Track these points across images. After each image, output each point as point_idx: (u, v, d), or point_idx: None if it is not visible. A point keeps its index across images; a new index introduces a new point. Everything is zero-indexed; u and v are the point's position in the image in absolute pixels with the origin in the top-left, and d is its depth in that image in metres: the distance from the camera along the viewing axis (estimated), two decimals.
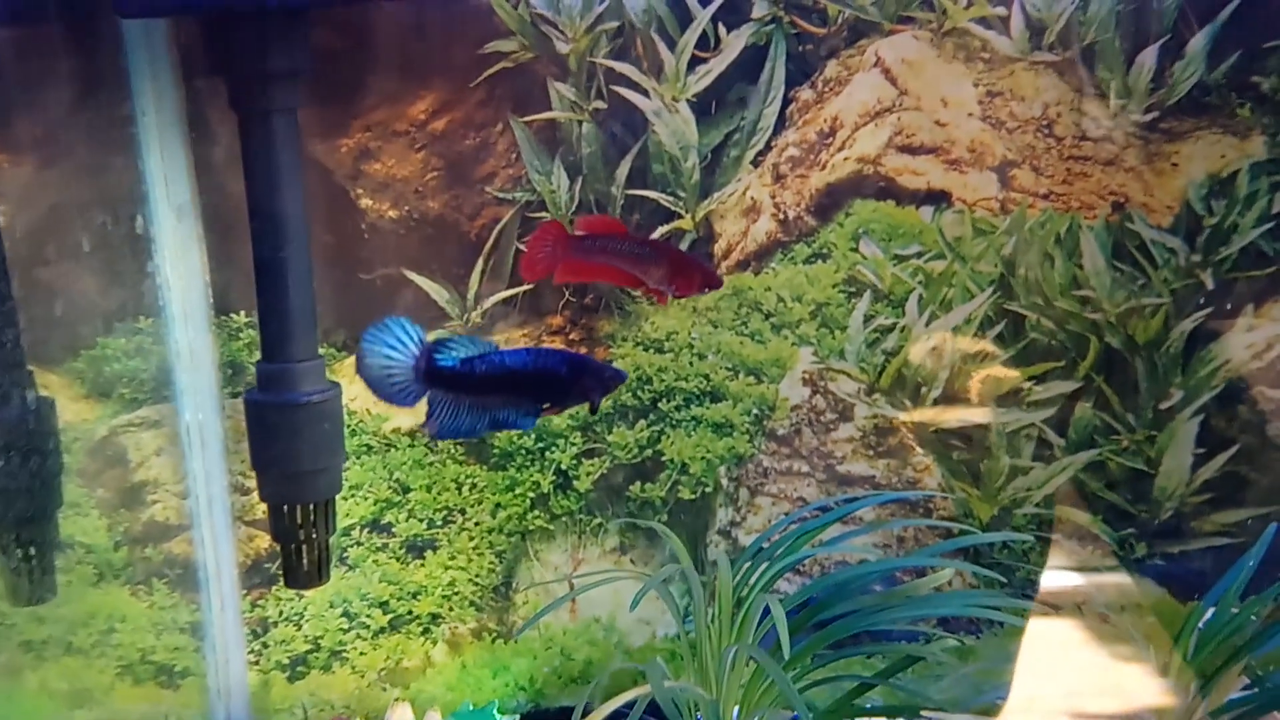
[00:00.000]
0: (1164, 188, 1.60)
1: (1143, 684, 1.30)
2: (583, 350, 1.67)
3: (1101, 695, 1.31)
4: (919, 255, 1.62)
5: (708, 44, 1.58)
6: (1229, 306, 1.62)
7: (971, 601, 1.30)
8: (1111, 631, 1.33)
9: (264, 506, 1.46)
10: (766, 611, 1.28)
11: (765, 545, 1.44)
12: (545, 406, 1.21)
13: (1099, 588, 1.64)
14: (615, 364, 1.67)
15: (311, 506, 1.44)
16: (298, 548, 1.45)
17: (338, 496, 1.64)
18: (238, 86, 1.34)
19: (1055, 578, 1.61)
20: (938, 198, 1.61)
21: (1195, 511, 1.68)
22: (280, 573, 1.50)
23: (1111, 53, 1.55)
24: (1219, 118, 1.58)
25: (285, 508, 1.43)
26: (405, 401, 1.17)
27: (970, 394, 1.64)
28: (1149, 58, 1.55)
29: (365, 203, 1.63)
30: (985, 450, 1.65)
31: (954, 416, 1.65)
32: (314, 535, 1.45)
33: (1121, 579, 1.64)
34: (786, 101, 1.59)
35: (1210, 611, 1.28)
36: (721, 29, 1.57)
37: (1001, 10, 1.55)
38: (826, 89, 1.60)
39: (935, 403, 1.65)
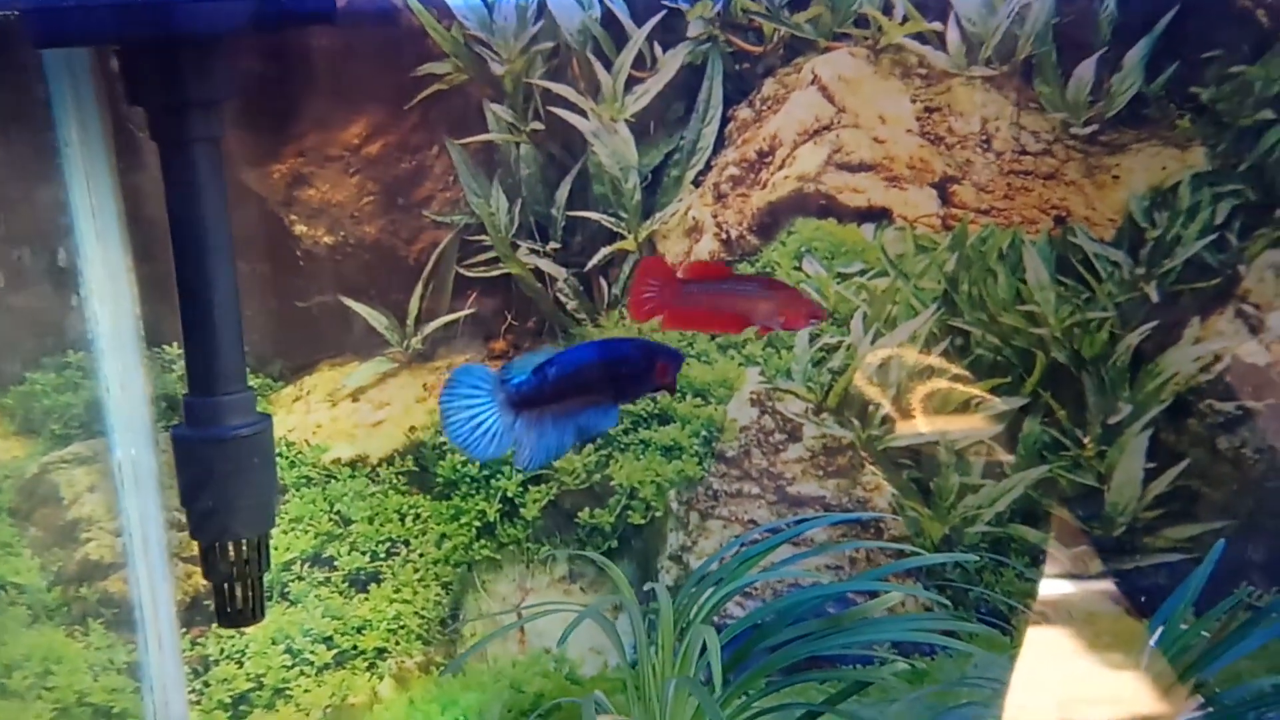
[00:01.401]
0: (1106, 201, 1.59)
1: (1136, 693, 1.28)
2: None
3: (1094, 705, 1.29)
4: (862, 273, 1.60)
5: (644, 64, 1.56)
6: (1174, 319, 1.61)
7: (917, 625, 1.27)
8: (1104, 640, 1.31)
9: None
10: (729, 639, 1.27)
11: (711, 570, 1.41)
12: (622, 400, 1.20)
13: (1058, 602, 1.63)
14: None
15: (244, 543, 1.40)
16: (231, 586, 1.42)
17: (274, 531, 1.63)
18: (156, 116, 1.31)
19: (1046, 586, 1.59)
20: (879, 215, 1.59)
21: (1148, 527, 1.67)
22: None
23: (1049, 66, 1.55)
24: (1159, 129, 1.57)
25: (217, 545, 1.40)
26: (500, 447, 1.15)
27: (920, 410, 1.62)
28: (1087, 70, 1.54)
29: (300, 229, 1.60)
30: (935, 468, 1.63)
31: (904, 434, 1.63)
32: (247, 573, 1.41)
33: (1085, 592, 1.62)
34: (725, 121, 1.58)
35: (1159, 630, 1.26)
36: (658, 49, 1.55)
37: (937, 25, 1.54)
38: (764, 107, 1.59)
39: (883, 421, 1.63)
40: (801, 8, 1.54)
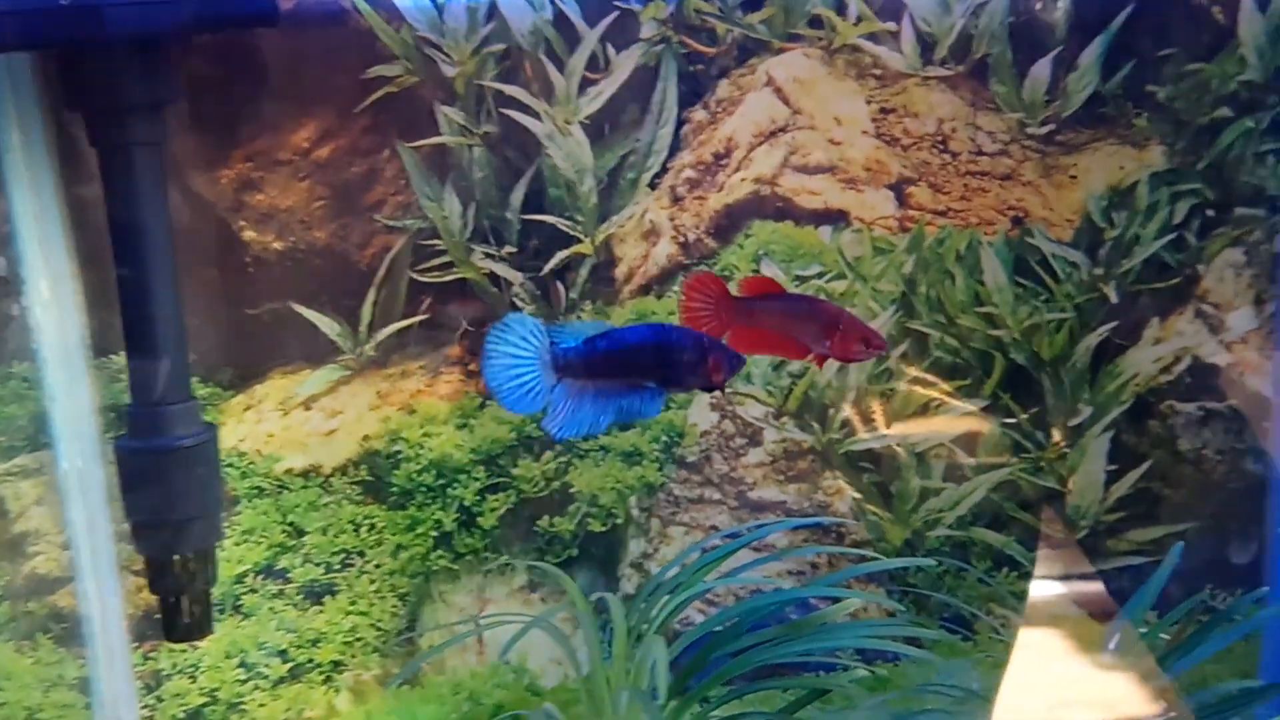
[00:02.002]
0: (1063, 201, 1.58)
1: (1127, 695, 1.26)
2: (482, 382, 1.62)
3: (1086, 707, 1.28)
4: (820, 275, 1.59)
5: (598, 66, 1.55)
6: (1134, 320, 1.60)
7: (876, 631, 1.26)
8: (1095, 642, 1.29)
9: None
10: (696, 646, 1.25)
11: (668, 577, 1.39)
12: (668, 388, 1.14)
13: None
14: None
15: (190, 556, 1.38)
16: (177, 600, 1.39)
17: (226, 543, 1.60)
18: (94, 120, 1.28)
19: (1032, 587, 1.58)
20: (836, 217, 1.58)
21: (1110, 530, 1.66)
22: None
23: (1004, 66, 1.54)
24: (1116, 128, 1.56)
25: (161, 559, 1.37)
26: (533, 404, 1.10)
27: (881, 413, 1.61)
28: (1043, 70, 1.53)
29: (249, 235, 1.57)
30: (895, 472, 1.62)
31: (863, 438, 1.62)
32: (194, 586, 1.39)
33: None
34: (680, 123, 1.56)
35: (1117, 636, 1.25)
36: (611, 50, 1.54)
37: (892, 26, 1.53)
38: (719, 109, 1.57)
39: (843, 425, 1.62)
40: (755, 8, 1.53)
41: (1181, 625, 1.30)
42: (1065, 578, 1.42)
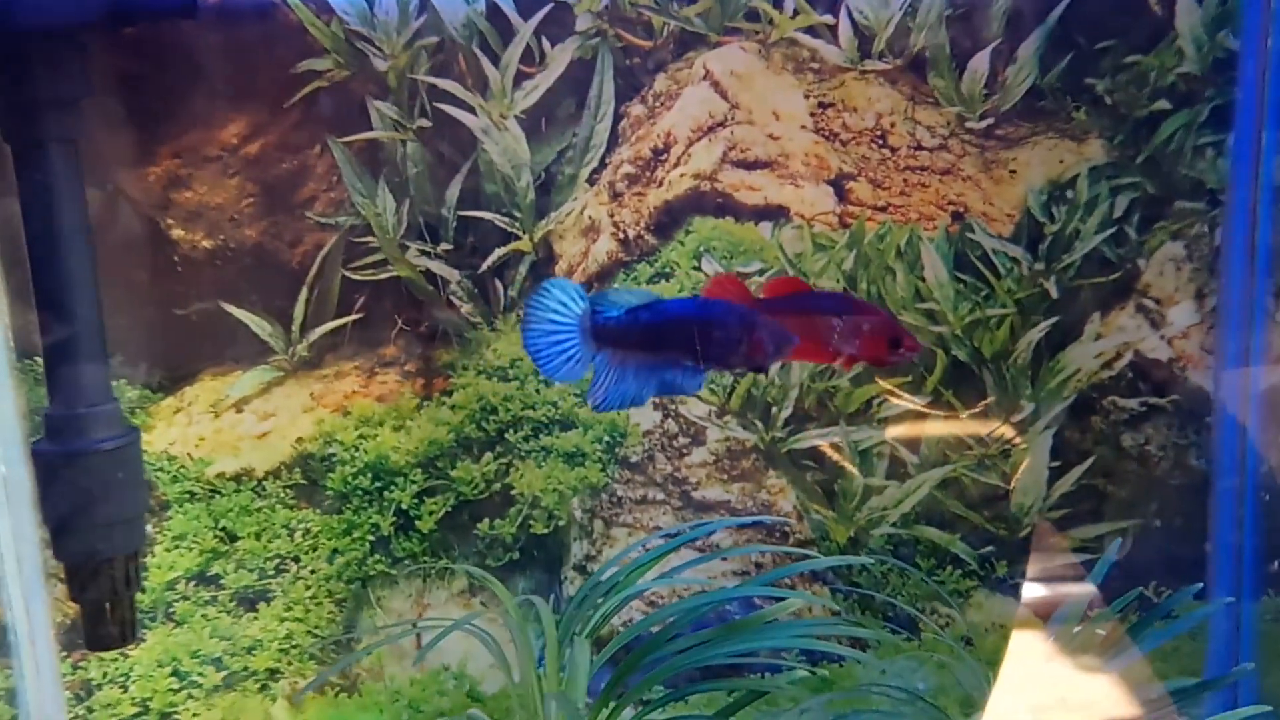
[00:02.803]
0: (1003, 196, 1.57)
1: (1109, 698, 1.25)
2: (419, 382, 1.59)
3: (1068, 711, 1.26)
4: (761, 272, 1.57)
5: (533, 59, 1.52)
6: (1075, 315, 1.59)
7: (814, 631, 1.23)
8: (1077, 645, 1.28)
9: None
10: (632, 647, 1.22)
11: (605, 578, 1.37)
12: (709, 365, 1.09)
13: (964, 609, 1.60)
14: (455, 393, 1.60)
15: (111, 562, 1.34)
16: (99, 607, 1.35)
17: (157, 549, 1.56)
18: (5, 116, 1.23)
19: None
20: (776, 213, 1.56)
21: (1054, 527, 1.64)
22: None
23: (943, 59, 1.52)
24: (1055, 122, 1.55)
25: (81, 565, 1.33)
26: (574, 372, 1.07)
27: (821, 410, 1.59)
28: (981, 63, 1.52)
29: (177, 233, 1.53)
30: (838, 470, 1.60)
31: (806, 436, 1.60)
32: (116, 594, 1.35)
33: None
34: (618, 117, 1.54)
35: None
36: (546, 43, 1.51)
37: (829, 19, 1.51)
38: (657, 104, 1.55)
39: (786, 423, 1.60)
40: (690, 1, 1.51)
41: (1119, 621, 1.28)
42: (1057, 581, 1.40)
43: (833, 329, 1.15)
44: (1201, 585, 1.38)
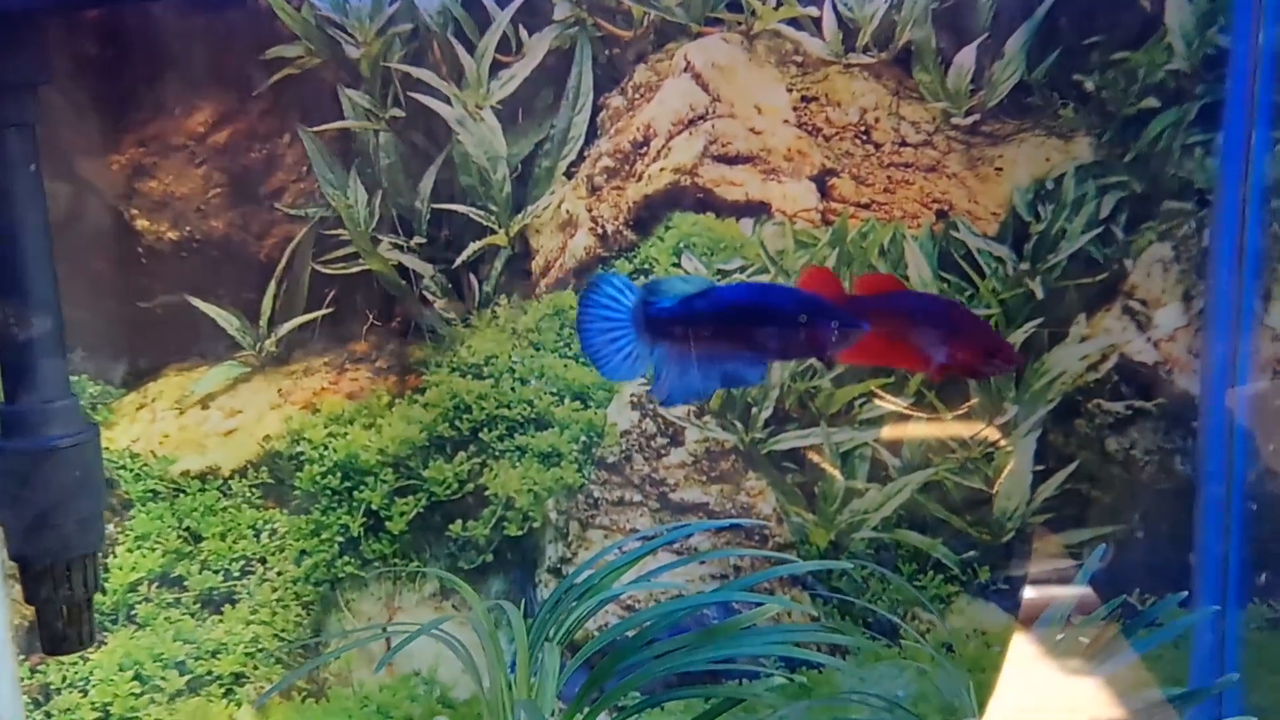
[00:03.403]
0: (988, 194, 1.54)
1: (1096, 700, 1.23)
2: (390, 379, 1.55)
3: (1055, 712, 1.24)
4: (742, 269, 1.54)
5: (510, 48, 1.48)
6: (1060, 316, 1.56)
7: (791, 637, 1.20)
8: (1063, 646, 1.25)
9: None
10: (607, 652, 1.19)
11: (578, 581, 1.33)
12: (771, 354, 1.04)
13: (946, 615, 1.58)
14: (427, 391, 1.56)
15: (67, 563, 1.30)
16: (54, 610, 1.31)
17: (118, 549, 1.52)
18: None
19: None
20: (757, 209, 1.53)
21: (1038, 532, 1.62)
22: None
23: (929, 53, 1.49)
24: (1042, 119, 1.52)
25: (36, 566, 1.29)
26: (635, 369, 1.02)
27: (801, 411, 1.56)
28: (967, 58, 1.49)
29: (141, 224, 1.49)
30: (819, 472, 1.57)
31: (786, 438, 1.57)
32: (73, 596, 1.31)
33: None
34: (596, 109, 1.51)
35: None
36: (523, 32, 1.48)
37: (813, 11, 1.48)
38: (637, 95, 1.51)
39: (766, 424, 1.56)
40: None
41: (1108, 625, 1.26)
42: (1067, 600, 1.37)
43: (925, 334, 1.08)
44: (1186, 593, 1.36)
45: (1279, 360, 1.55)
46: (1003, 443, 1.54)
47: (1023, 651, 1.28)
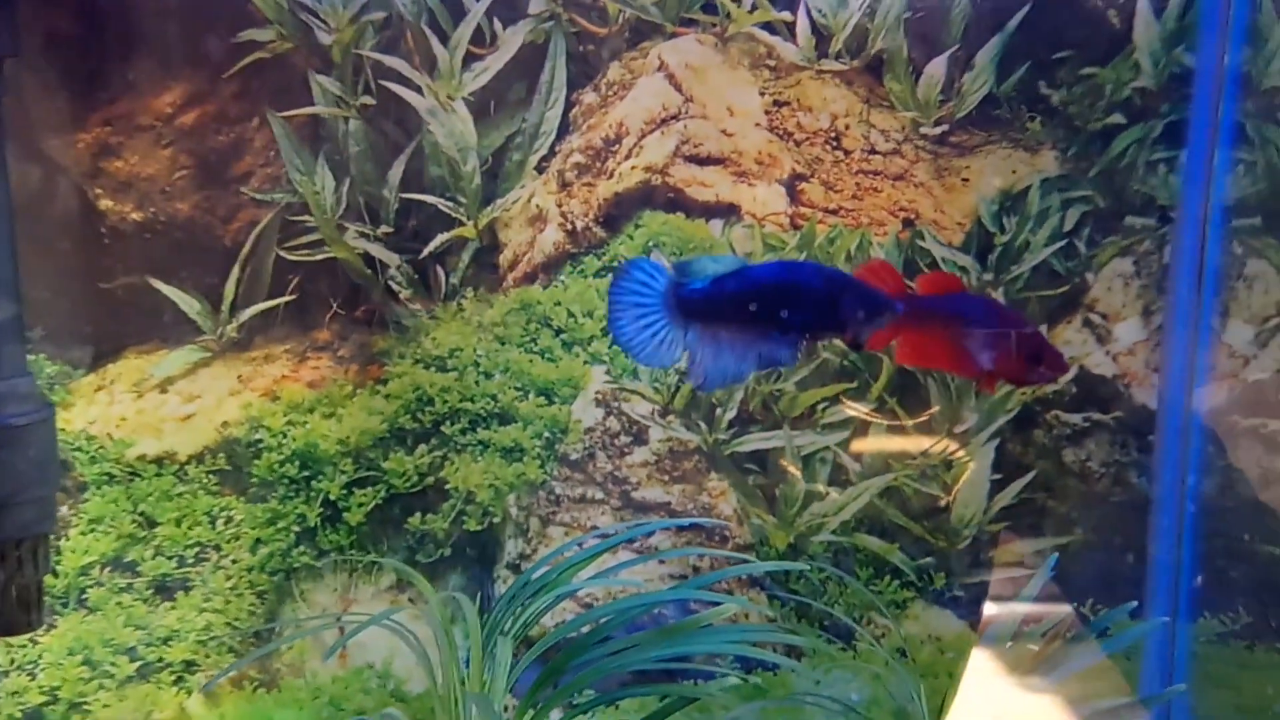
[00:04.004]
0: (955, 204, 1.55)
1: (1058, 716, 1.23)
2: (352, 368, 1.55)
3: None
4: None
5: (483, 40, 1.48)
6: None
7: (745, 637, 1.21)
8: (1027, 662, 1.26)
9: None
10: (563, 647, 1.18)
11: (535, 578, 1.33)
12: (805, 336, 1.02)
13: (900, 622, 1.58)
14: (390, 382, 1.55)
15: (17, 544, 1.28)
16: (3, 590, 1.29)
17: (71, 532, 1.50)
18: None
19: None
20: (727, 211, 1.53)
21: (994, 540, 1.63)
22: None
23: (900, 62, 1.51)
24: (1010, 131, 1.54)
25: None
26: (671, 354, 1.00)
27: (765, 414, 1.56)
28: (938, 68, 1.50)
29: (105, 204, 1.48)
30: (780, 474, 1.57)
31: (749, 439, 1.57)
32: (23, 576, 1.29)
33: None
34: (569, 105, 1.51)
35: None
36: (497, 24, 1.48)
37: (787, 16, 1.49)
38: (610, 93, 1.51)
39: (729, 425, 1.57)
40: None
41: (1047, 639, 1.27)
42: (1020, 599, 1.37)
43: (979, 338, 1.06)
44: (1136, 603, 1.37)
45: (1235, 376, 1.58)
46: (961, 452, 1.55)
47: (976, 662, 1.29)
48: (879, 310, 1.02)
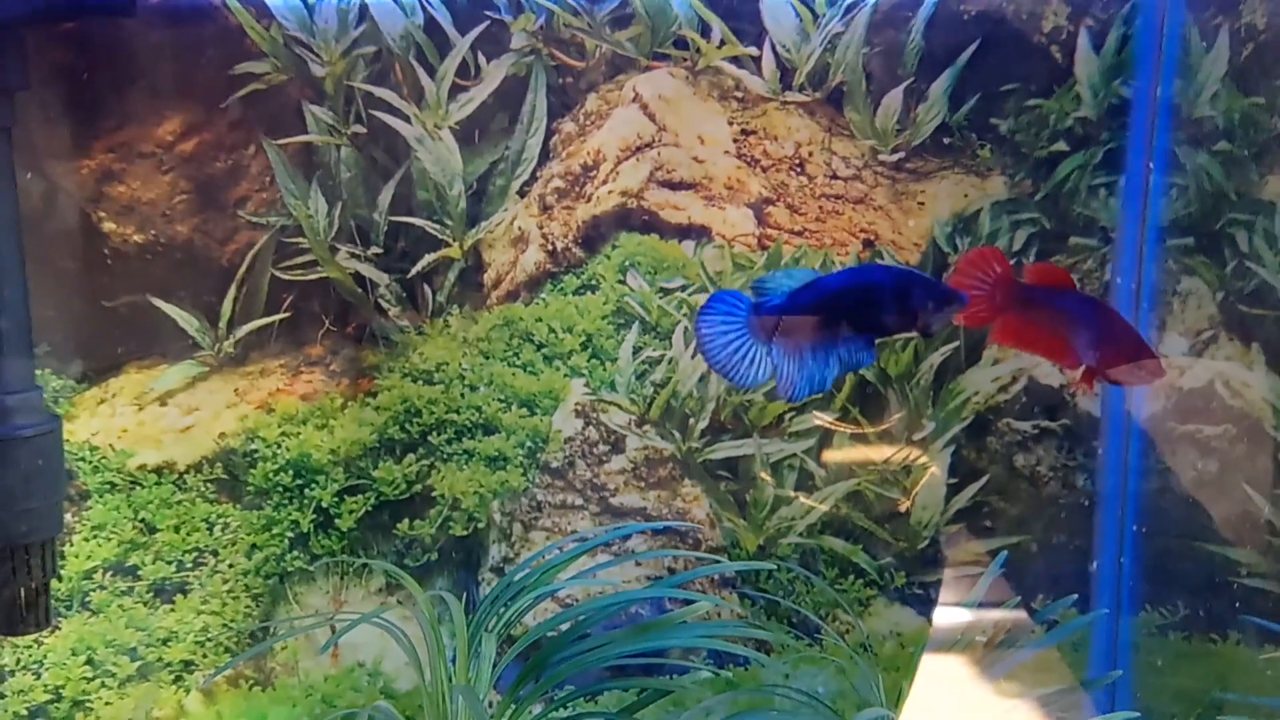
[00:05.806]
0: (912, 226, 1.65)
1: (1006, 702, 1.30)
2: (344, 382, 1.62)
3: (965, 710, 1.31)
4: (683, 288, 1.63)
5: (468, 72, 1.57)
6: (974, 341, 1.67)
7: (715, 633, 1.29)
8: (978, 653, 1.33)
9: None
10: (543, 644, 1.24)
11: (517, 579, 1.41)
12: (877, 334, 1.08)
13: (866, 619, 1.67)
14: (379, 394, 1.63)
15: (27, 548, 1.34)
16: (12, 593, 1.36)
17: (75, 538, 1.57)
18: None
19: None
20: (699, 232, 1.63)
21: (949, 541, 1.73)
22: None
23: (859, 94, 1.60)
24: (961, 158, 1.64)
25: None
26: (760, 373, 1.06)
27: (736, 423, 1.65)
28: (895, 99, 1.60)
29: (108, 226, 1.55)
30: (750, 480, 1.66)
31: (721, 447, 1.66)
32: (30, 579, 1.36)
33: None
34: (549, 133, 1.59)
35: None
36: (482, 58, 1.56)
37: (753, 50, 1.58)
38: (588, 122, 1.60)
39: (702, 434, 1.66)
40: (623, 26, 1.57)
41: (992, 634, 1.36)
42: (972, 603, 1.44)
43: (1081, 334, 1.10)
44: (1077, 596, 1.46)
45: (1172, 385, 1.68)
46: (921, 458, 1.64)
47: (931, 654, 1.36)
48: (948, 300, 1.07)
